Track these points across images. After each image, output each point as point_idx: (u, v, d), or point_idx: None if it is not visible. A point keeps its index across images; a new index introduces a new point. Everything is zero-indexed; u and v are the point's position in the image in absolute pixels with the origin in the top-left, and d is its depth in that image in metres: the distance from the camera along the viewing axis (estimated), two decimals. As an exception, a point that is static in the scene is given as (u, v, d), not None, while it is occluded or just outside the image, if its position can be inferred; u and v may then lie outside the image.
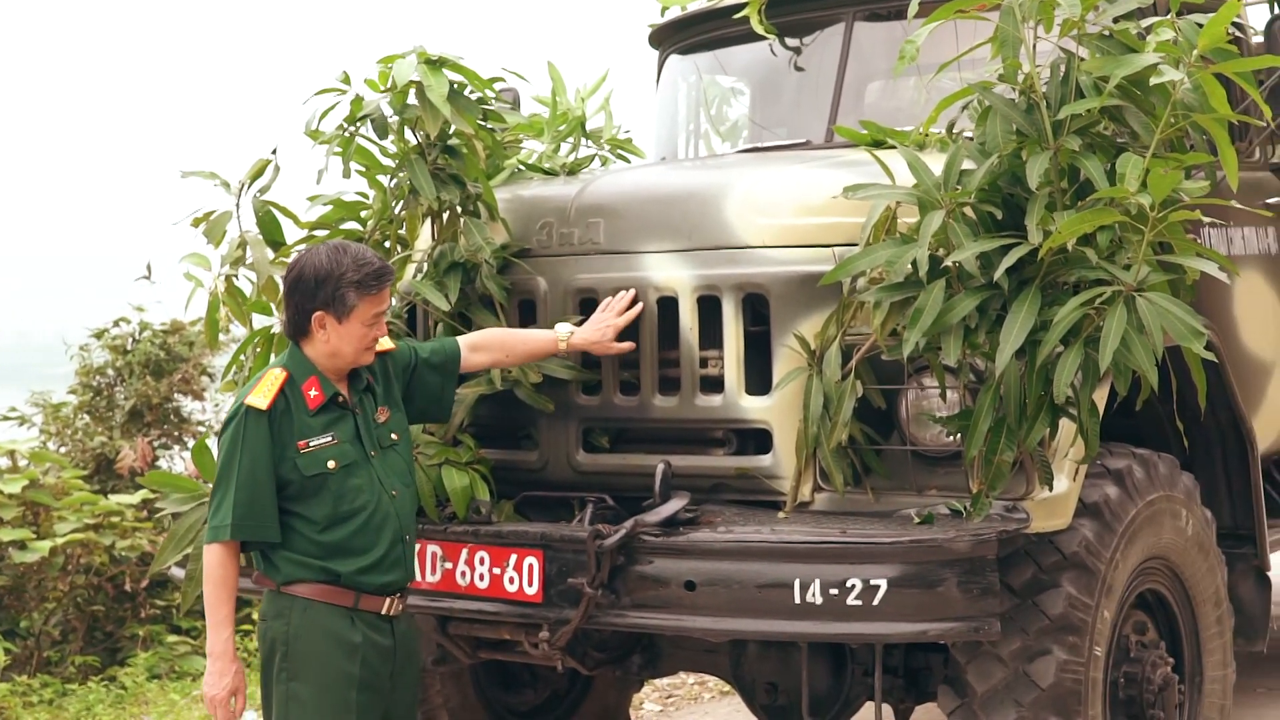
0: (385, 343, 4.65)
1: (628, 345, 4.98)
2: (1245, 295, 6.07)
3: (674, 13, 6.77)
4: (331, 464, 4.41)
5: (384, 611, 4.48)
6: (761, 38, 6.17)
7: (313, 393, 4.44)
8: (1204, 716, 5.51)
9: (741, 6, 6.22)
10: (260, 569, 4.49)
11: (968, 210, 4.51)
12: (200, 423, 11.90)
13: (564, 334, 4.95)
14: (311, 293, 4.41)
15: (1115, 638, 5.08)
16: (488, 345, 4.94)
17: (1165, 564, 5.29)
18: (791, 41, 6.32)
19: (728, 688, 7.31)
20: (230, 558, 4.38)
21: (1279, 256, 6.36)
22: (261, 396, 4.38)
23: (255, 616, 9.05)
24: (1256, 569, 5.91)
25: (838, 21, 6.17)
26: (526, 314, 5.25)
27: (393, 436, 4.60)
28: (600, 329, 4.93)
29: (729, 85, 7.03)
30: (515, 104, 6.68)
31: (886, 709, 5.46)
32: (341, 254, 4.42)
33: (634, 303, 4.99)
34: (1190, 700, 5.48)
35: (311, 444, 4.41)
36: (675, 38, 6.80)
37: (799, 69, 6.31)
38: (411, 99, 5.12)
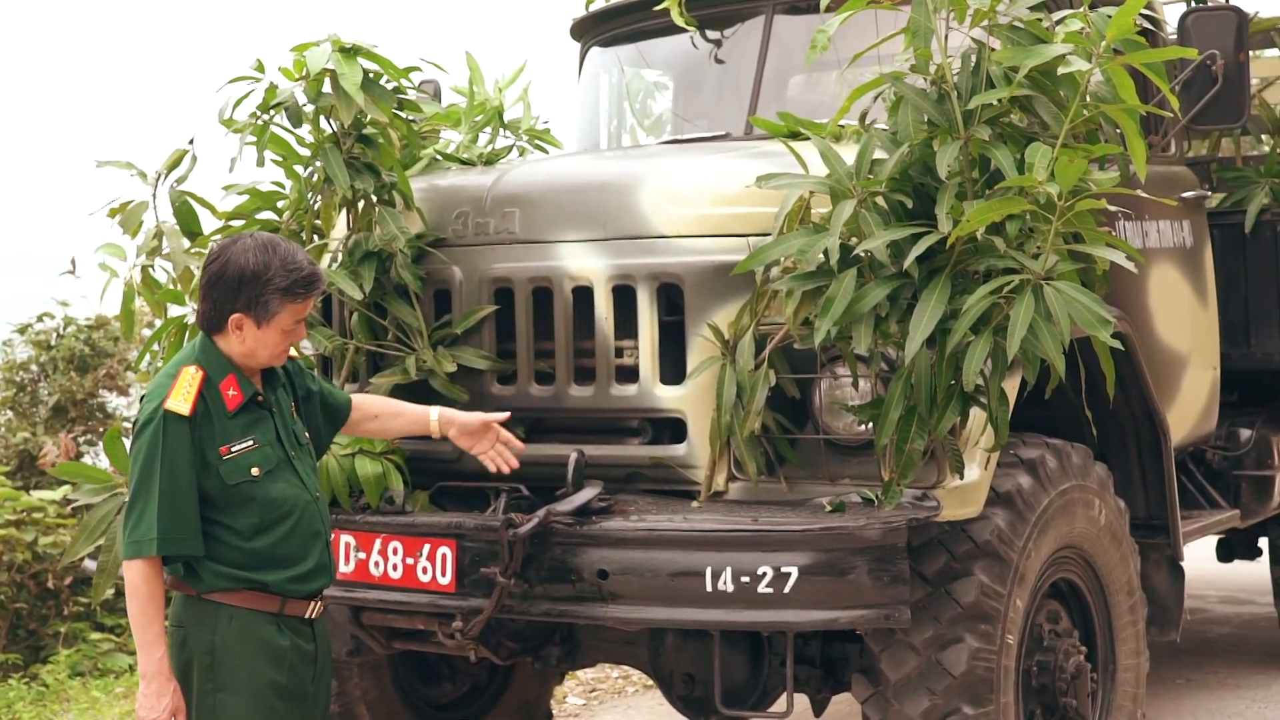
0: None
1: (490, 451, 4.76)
2: (1160, 288, 6.12)
3: (598, 4, 6.77)
4: (255, 470, 4.11)
5: (308, 615, 4.23)
6: (683, 30, 6.17)
7: (231, 392, 4.12)
8: (1117, 705, 5.55)
9: (661, -1, 6.22)
10: (178, 575, 4.16)
11: (879, 200, 4.53)
12: (125, 419, 11.80)
13: (434, 416, 4.67)
14: (233, 293, 4.09)
15: (1028, 626, 5.12)
16: (369, 412, 4.62)
17: (1078, 553, 5.33)
18: (712, 34, 6.33)
19: (652, 682, 7.32)
20: (155, 573, 4.05)
21: (1194, 250, 6.42)
22: (181, 400, 4.04)
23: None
24: (1170, 559, 5.97)
25: (758, 14, 6.17)
26: (441, 304, 5.23)
27: (306, 435, 4.36)
28: (481, 424, 4.70)
29: (654, 78, 7.03)
30: (436, 95, 6.67)
31: (804, 699, 5.50)
32: (270, 254, 4.08)
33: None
34: (1103, 689, 5.53)
35: (234, 449, 4.10)
36: (597, 30, 6.79)
37: (719, 61, 6.32)
38: (327, 88, 5.09)
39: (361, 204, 5.23)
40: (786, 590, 4.45)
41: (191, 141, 5.61)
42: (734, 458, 4.81)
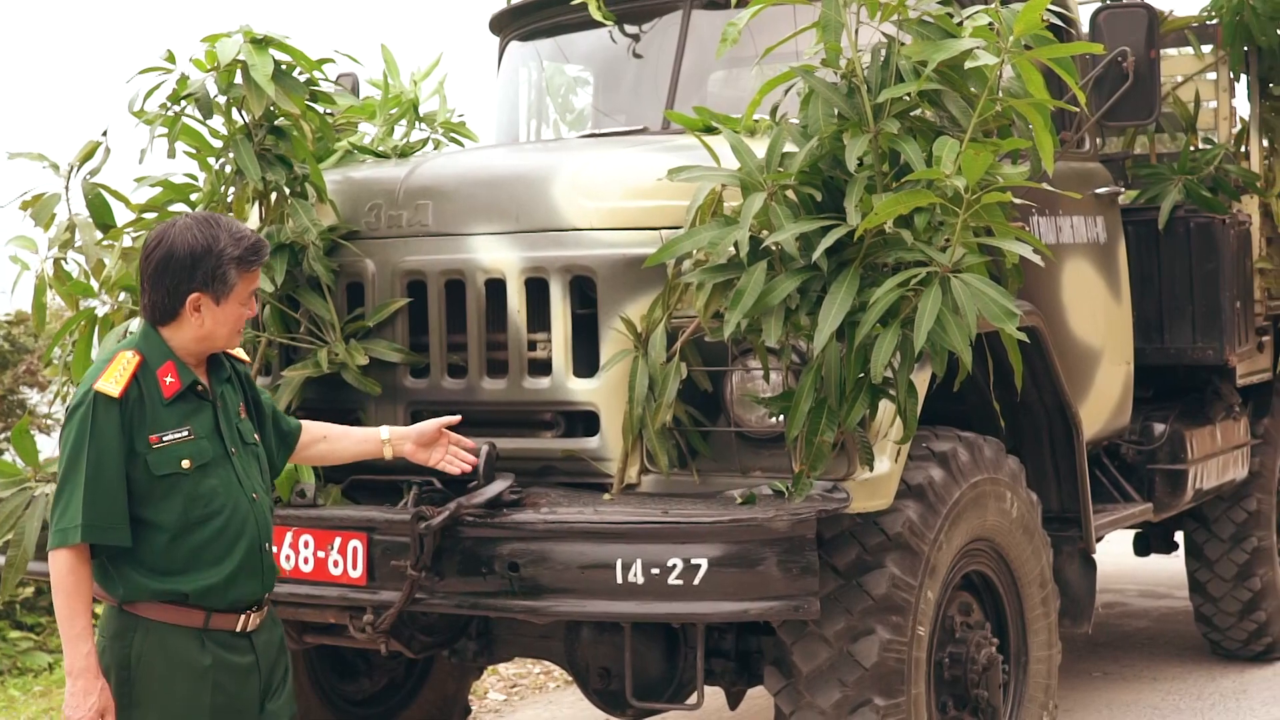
0: (238, 353, 4.28)
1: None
2: (1073, 283, 6.17)
3: (518, -1, 6.76)
4: (186, 463, 3.89)
5: (239, 629, 3.97)
6: (601, 25, 6.18)
7: (168, 379, 3.92)
8: (1029, 696, 5.59)
9: (582, -8, 6.22)
10: (98, 581, 3.93)
11: (790, 193, 4.55)
12: (47, 415, 11.67)
13: (385, 436, 4.51)
14: (187, 272, 3.89)
15: (940, 618, 5.15)
16: (316, 435, 4.44)
17: (990, 546, 5.37)
18: (631, 29, 6.34)
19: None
20: (82, 563, 3.82)
21: (1107, 246, 6.48)
22: (113, 382, 3.85)
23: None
24: (1082, 552, 6.01)
25: (675, 9, 6.19)
26: (354, 296, 5.21)
27: (255, 436, 4.15)
28: (435, 431, 4.59)
29: (576, 73, 7.03)
30: (354, 89, 6.65)
31: (719, 691, 5.52)
32: (214, 227, 3.93)
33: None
34: (1015, 680, 5.57)
35: (165, 439, 3.88)
36: (516, 24, 6.79)
37: (638, 56, 6.33)
38: (239, 79, 5.06)
39: (274, 196, 5.20)
40: (696, 582, 4.45)
41: (105, 133, 5.57)
42: (646, 450, 4.82)
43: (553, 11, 6.55)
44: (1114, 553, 9.39)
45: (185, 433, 3.92)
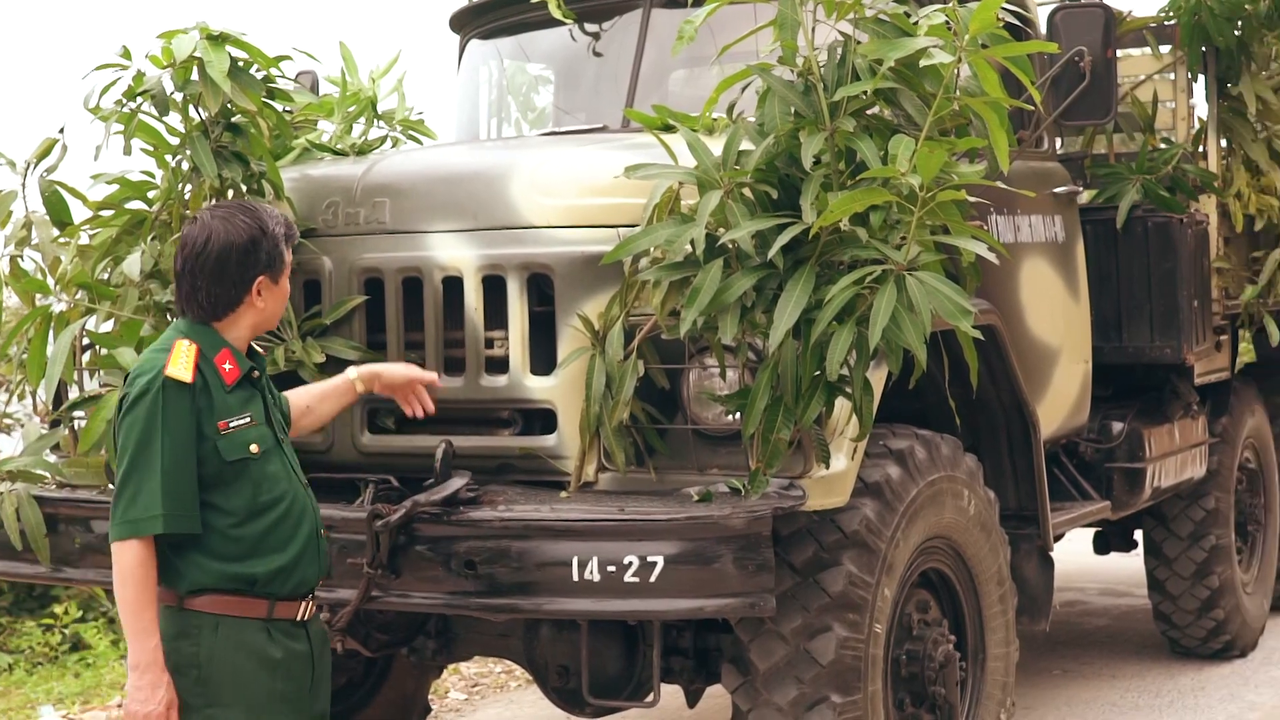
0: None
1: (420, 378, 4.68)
2: (1031, 282, 6.20)
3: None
4: (254, 448, 3.91)
5: (299, 618, 3.99)
6: (562, 24, 6.17)
7: (227, 366, 3.92)
8: (986, 693, 5.61)
9: (542, -9, 6.22)
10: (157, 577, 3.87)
11: (746, 191, 4.55)
12: (7, 415, 11.60)
13: (353, 375, 4.54)
14: (251, 257, 3.91)
15: (897, 615, 5.17)
16: (300, 407, 4.41)
17: (948, 543, 5.39)
18: (591, 27, 6.34)
19: (533, 675, 7.32)
20: (151, 555, 3.79)
21: (1065, 245, 6.51)
22: (181, 368, 3.82)
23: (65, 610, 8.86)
24: (1040, 549, 6.04)
25: (635, 8, 6.18)
26: (311, 294, 5.20)
27: (286, 425, 4.20)
28: (405, 380, 4.62)
29: (538, 72, 7.03)
30: (313, 87, 6.63)
31: (679, 690, 5.52)
32: (254, 211, 3.97)
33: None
34: (973, 677, 5.59)
35: (232, 424, 3.88)
36: (476, 23, 6.77)
37: (598, 54, 6.33)
38: (195, 76, 5.04)
39: (230, 193, 5.18)
40: (652, 579, 4.45)
41: (62, 130, 5.55)
42: (603, 448, 4.82)
43: (513, 10, 6.54)
44: (1075, 551, 9.43)
45: (248, 419, 3.93)
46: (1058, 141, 6.98)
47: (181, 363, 3.83)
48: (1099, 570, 10.22)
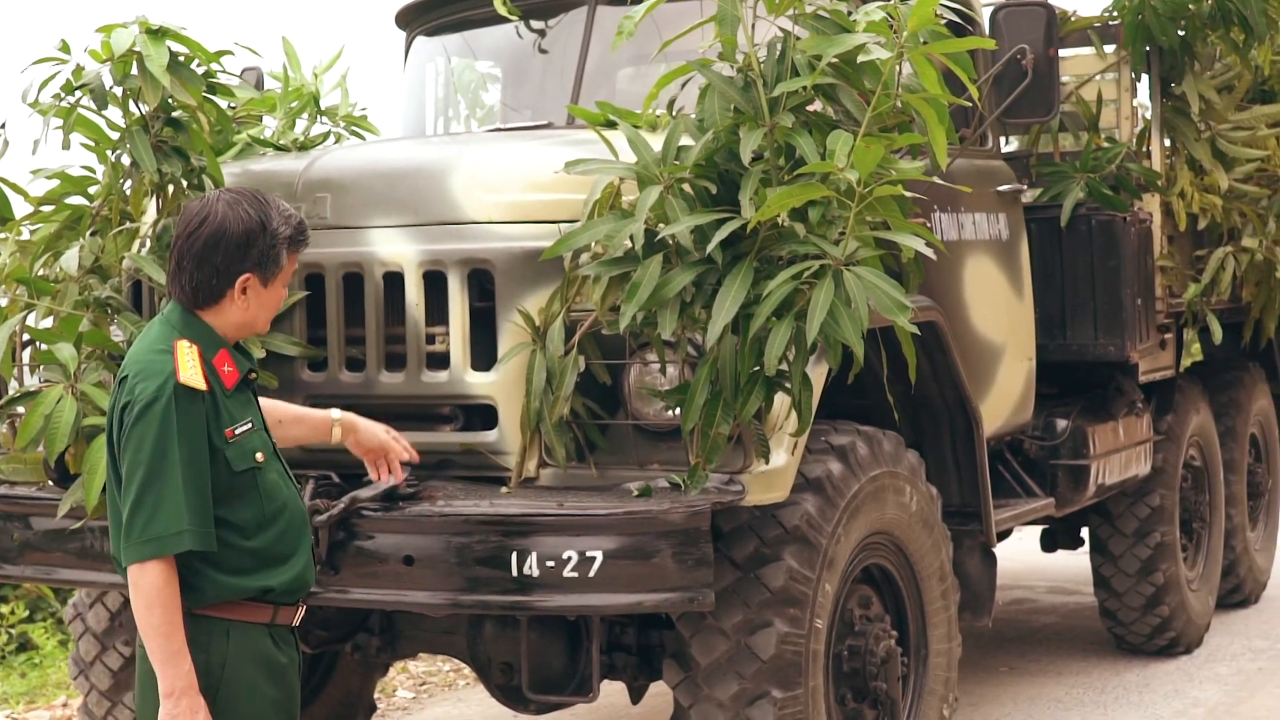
0: None
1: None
2: (975, 279, 6.22)
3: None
4: (259, 455, 3.68)
5: (294, 623, 3.79)
6: (508, 20, 6.17)
7: (226, 368, 3.68)
8: (929, 689, 5.63)
9: (487, -13, 6.21)
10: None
11: (686, 186, 4.56)
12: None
13: (336, 416, 4.30)
14: (241, 252, 3.65)
15: (838, 611, 5.18)
16: (274, 416, 4.13)
17: (890, 539, 5.40)
18: (537, 24, 6.34)
19: (481, 673, 7.30)
20: (175, 574, 3.53)
21: (1009, 243, 6.53)
22: (194, 373, 3.56)
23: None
24: (983, 545, 6.05)
25: (581, 4, 6.18)
26: (252, 290, 5.17)
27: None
28: (379, 445, 4.34)
29: (486, 69, 7.02)
30: (259, 83, 6.60)
31: (623, 686, 5.52)
32: (264, 204, 3.71)
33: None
34: (915, 673, 5.60)
35: (237, 431, 3.65)
36: (422, 19, 6.77)
37: (543, 51, 6.33)
38: (135, 70, 5.02)
39: (171, 189, 5.16)
40: (591, 574, 4.46)
41: (3, 125, 5.51)
42: (544, 444, 4.82)
43: (459, 6, 6.54)
44: (1024, 549, 9.48)
45: (250, 424, 3.71)
46: (1002, 140, 7.00)
47: (191, 368, 3.59)
48: (1048, 568, 10.26)
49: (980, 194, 6.32)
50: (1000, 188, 6.50)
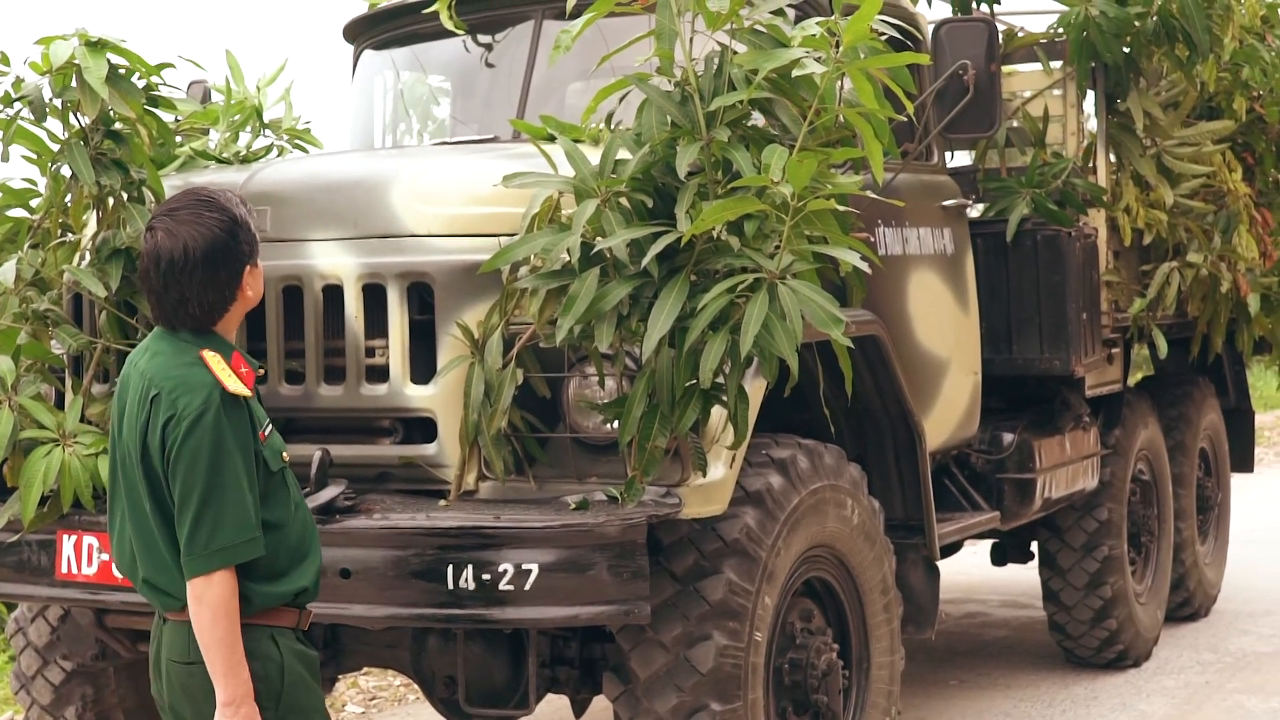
0: None
1: None
2: (920, 294, 6.24)
3: (386, 3, 6.73)
4: (285, 455, 3.75)
5: (308, 625, 3.83)
6: (454, 34, 6.18)
7: (243, 370, 3.68)
8: (871, 702, 5.64)
9: (433, 2, 6.22)
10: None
11: (623, 200, 4.57)
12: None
13: None
14: (236, 253, 3.68)
15: (779, 624, 5.18)
16: None
17: (831, 552, 5.41)
18: (484, 38, 6.35)
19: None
20: (236, 583, 3.57)
21: (954, 257, 6.56)
22: (236, 380, 3.59)
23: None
24: (926, 559, 6.07)
25: (527, 19, 6.20)
26: (192, 302, 5.17)
27: None
28: None
29: (437, 83, 7.03)
30: (205, 97, 6.60)
31: (563, 699, 5.52)
32: (216, 203, 3.68)
33: None
34: (858, 686, 5.61)
35: (267, 432, 3.71)
36: (370, 33, 6.77)
37: (490, 66, 6.34)
38: (74, 82, 5.01)
39: (110, 201, 5.15)
40: (528, 587, 4.46)
41: (-57, 138, 5.49)
42: (483, 456, 4.82)
43: (406, 20, 6.55)
44: (978, 563, 9.51)
45: (269, 425, 3.77)
46: (949, 155, 7.03)
47: (230, 376, 3.60)
48: (1001, 582, 10.30)
49: (925, 209, 6.35)
50: (945, 202, 6.53)
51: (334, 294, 4.97)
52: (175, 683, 3.70)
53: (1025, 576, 9.58)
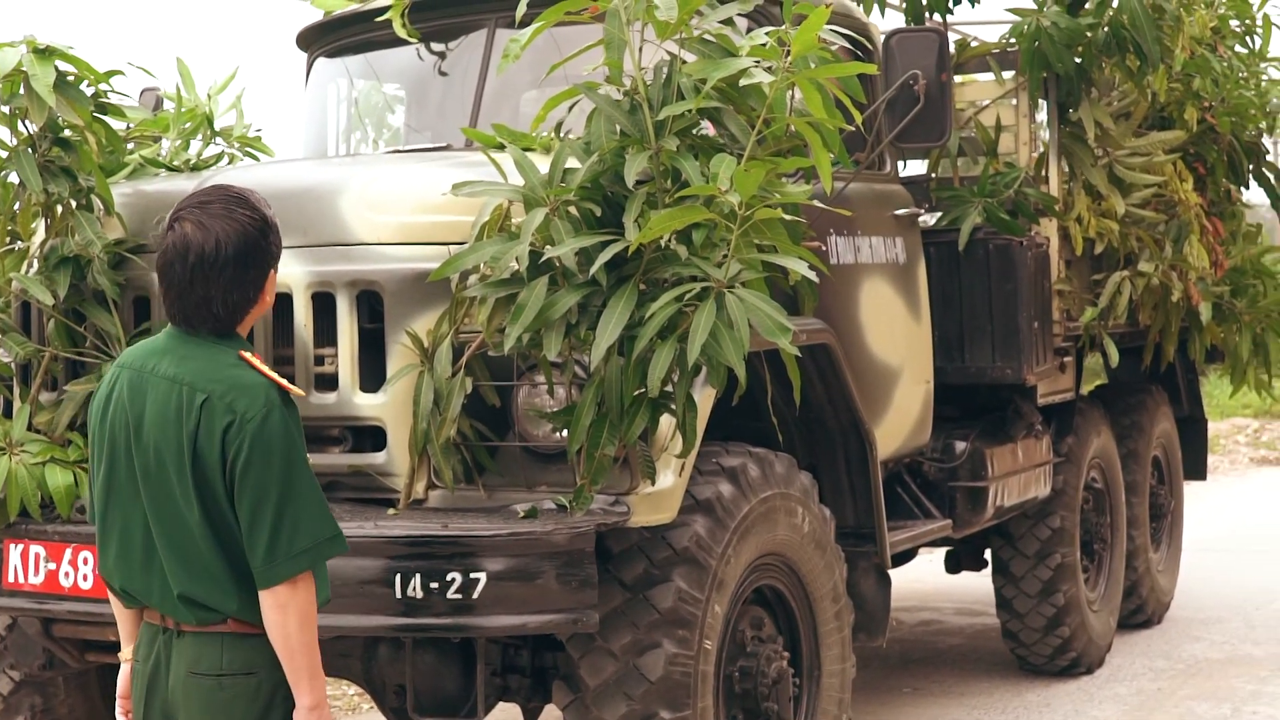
0: None
1: None
2: (872, 302, 6.26)
3: (340, 11, 6.72)
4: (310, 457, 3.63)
5: None
6: (408, 42, 6.17)
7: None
8: (822, 709, 5.65)
9: (386, 10, 6.22)
10: (230, 611, 3.45)
11: (572, 209, 4.58)
12: None
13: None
14: (265, 254, 3.54)
15: (729, 632, 5.19)
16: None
17: (782, 560, 5.42)
18: (438, 47, 6.34)
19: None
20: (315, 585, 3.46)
21: (906, 266, 6.58)
22: (287, 381, 3.48)
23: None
24: (877, 567, 6.09)
25: (480, 27, 6.20)
26: (141, 311, 5.17)
27: None
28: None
29: (392, 91, 7.02)
30: (158, 105, 6.57)
31: (515, 708, 5.51)
32: (246, 200, 3.55)
33: None
34: (809, 694, 5.62)
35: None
36: (323, 40, 6.75)
37: (443, 74, 6.34)
38: (22, 89, 4.99)
39: (59, 209, 5.13)
40: (475, 596, 4.46)
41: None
42: (433, 465, 4.82)
43: (360, 28, 6.53)
44: (934, 570, 9.53)
45: None
46: (902, 164, 7.06)
47: (277, 375, 3.47)
48: (956, 589, 10.33)
49: (877, 217, 6.37)
50: (897, 211, 6.55)
51: (283, 302, 4.95)
52: (197, 697, 3.47)
53: (981, 584, 9.62)
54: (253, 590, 3.42)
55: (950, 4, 7.36)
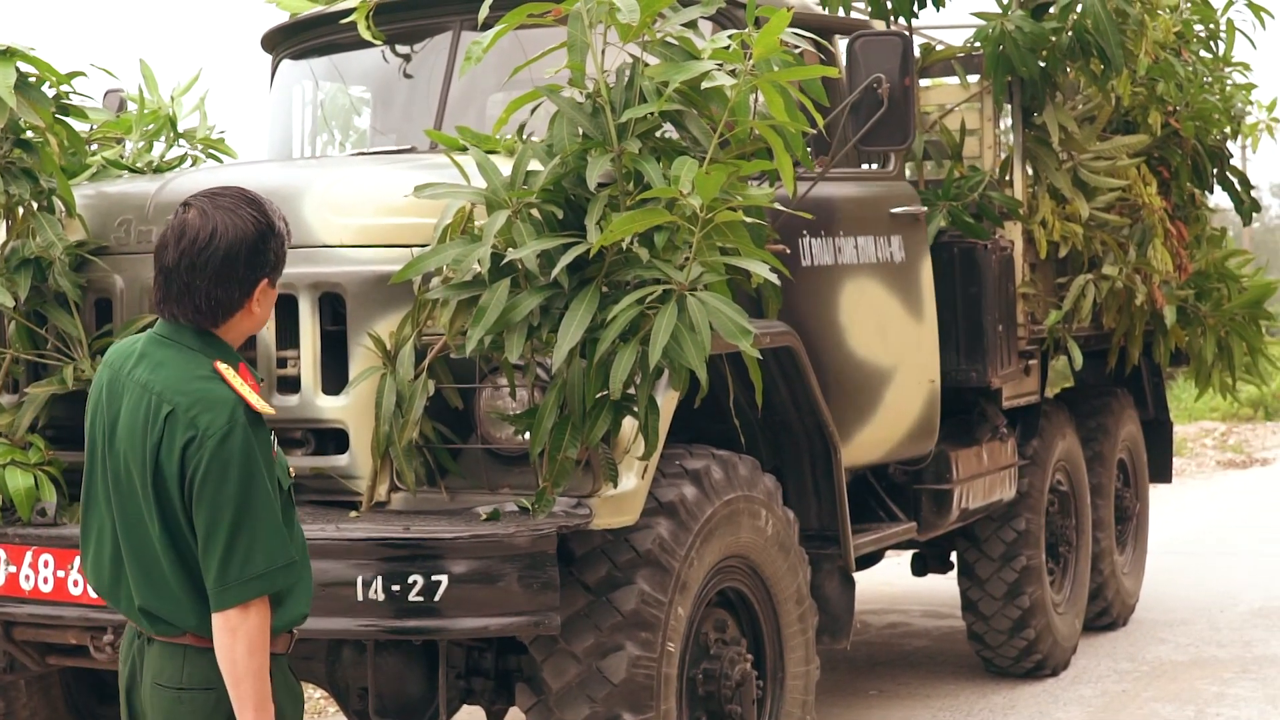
0: None
1: None
2: (855, 303, 6.21)
3: (304, 13, 6.71)
4: (292, 471, 3.57)
5: (292, 649, 3.56)
6: (373, 44, 6.17)
7: (250, 382, 3.43)
8: (786, 711, 5.65)
9: (351, 12, 6.21)
10: (194, 626, 3.37)
11: (534, 211, 4.58)
12: None
13: None
14: (259, 259, 3.40)
15: (692, 634, 5.20)
16: None
17: (745, 563, 5.43)
18: (402, 49, 6.34)
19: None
20: (269, 611, 3.35)
21: (905, 265, 6.56)
22: (258, 397, 3.35)
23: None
24: (841, 569, 6.09)
25: (445, 30, 6.20)
26: (103, 313, 5.15)
27: None
28: None
29: (359, 93, 7.02)
30: (122, 106, 6.55)
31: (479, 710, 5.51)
32: (259, 205, 3.43)
33: None
34: (772, 696, 5.62)
35: (276, 448, 3.45)
36: (288, 43, 6.74)
37: (408, 76, 6.33)
38: (-17, 91, 4.98)
39: (20, 210, 5.11)
40: (437, 599, 4.47)
41: None
42: (395, 468, 4.81)
43: (325, 30, 6.52)
44: (902, 573, 9.55)
45: (275, 441, 3.50)
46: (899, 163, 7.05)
47: (250, 392, 3.34)
48: (923, 592, 10.36)
49: (865, 217, 6.36)
50: (894, 210, 6.53)
51: (245, 304, 4.94)
52: (160, 708, 3.43)
53: (948, 587, 9.64)
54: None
55: (915, 7, 7.38)
